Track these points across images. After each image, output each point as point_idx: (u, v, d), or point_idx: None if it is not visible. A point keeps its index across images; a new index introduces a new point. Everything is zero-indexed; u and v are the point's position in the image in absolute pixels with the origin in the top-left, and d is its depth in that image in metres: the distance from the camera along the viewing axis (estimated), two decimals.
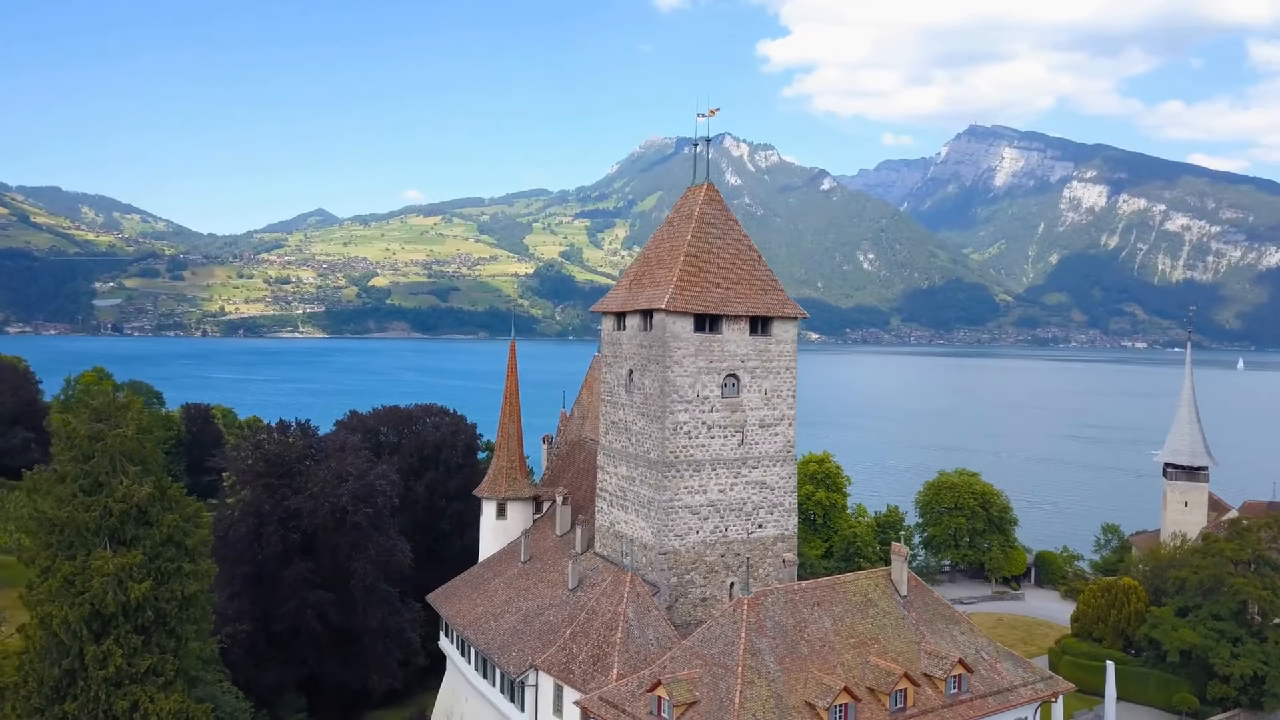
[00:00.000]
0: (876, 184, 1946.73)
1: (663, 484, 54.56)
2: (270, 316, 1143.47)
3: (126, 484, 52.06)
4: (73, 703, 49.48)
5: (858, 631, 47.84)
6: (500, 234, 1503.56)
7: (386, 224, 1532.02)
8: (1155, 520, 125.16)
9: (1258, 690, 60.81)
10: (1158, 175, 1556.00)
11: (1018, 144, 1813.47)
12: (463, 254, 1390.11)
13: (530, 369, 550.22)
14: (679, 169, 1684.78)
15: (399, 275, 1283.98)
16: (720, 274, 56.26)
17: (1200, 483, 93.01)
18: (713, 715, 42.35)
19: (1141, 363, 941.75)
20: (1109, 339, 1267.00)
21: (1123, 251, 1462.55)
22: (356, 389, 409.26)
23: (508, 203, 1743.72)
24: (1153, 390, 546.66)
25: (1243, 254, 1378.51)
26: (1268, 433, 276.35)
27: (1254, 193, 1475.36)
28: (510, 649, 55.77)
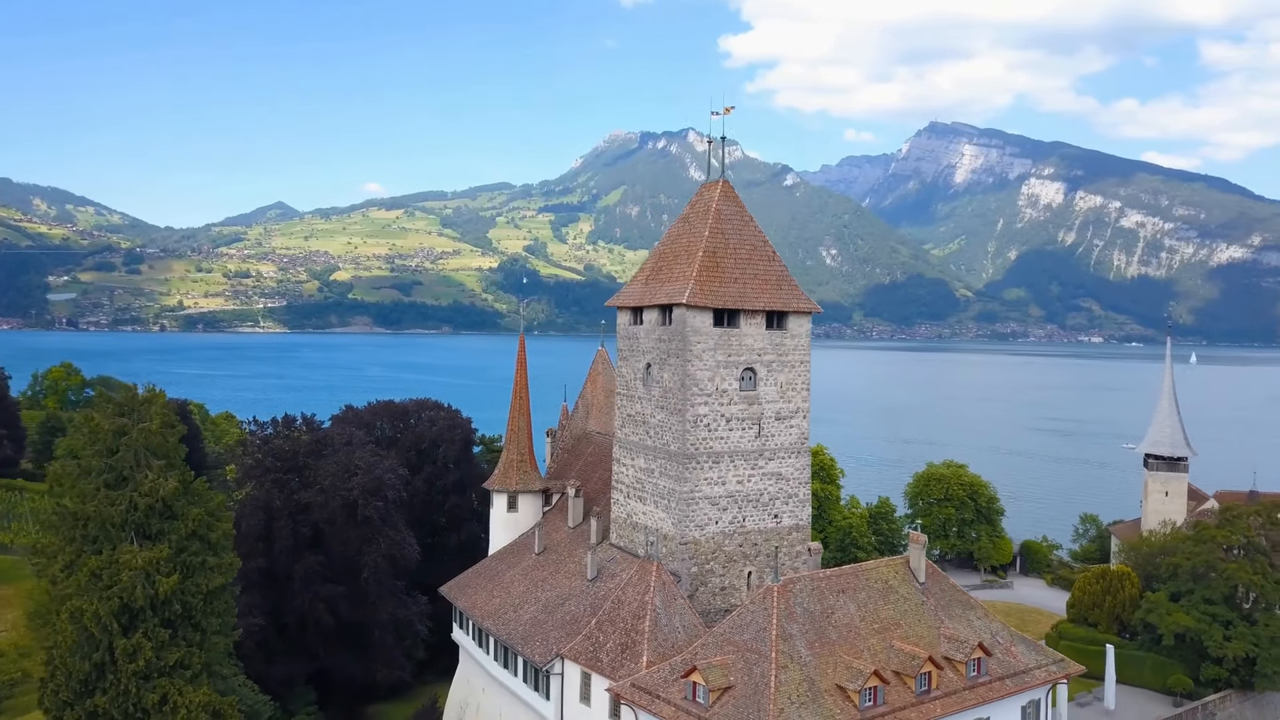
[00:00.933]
0: (839, 180, 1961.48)
1: (683, 475, 55.64)
2: (230, 311, 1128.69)
3: (152, 478, 52.27)
4: (102, 696, 49.65)
5: (881, 617, 49.29)
6: (463, 228, 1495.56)
7: (348, 217, 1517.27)
8: (1130, 510, 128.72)
9: (1248, 671, 63.26)
10: (1113, 173, 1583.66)
11: (977, 141, 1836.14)
12: (425, 248, 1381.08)
13: (498, 365, 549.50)
14: (643, 163, 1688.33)
15: (361, 269, 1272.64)
16: (737, 269, 57.37)
17: (1180, 473, 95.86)
18: (748, 699, 43.52)
19: (1098, 357, 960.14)
20: (1066, 334, 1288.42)
21: (1079, 248, 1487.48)
22: (326, 384, 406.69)
23: (471, 196, 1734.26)
24: (1112, 384, 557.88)
25: (1195, 250, 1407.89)
26: (1227, 425, 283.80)
27: (1205, 190, 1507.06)
28: (533, 639, 56.61)
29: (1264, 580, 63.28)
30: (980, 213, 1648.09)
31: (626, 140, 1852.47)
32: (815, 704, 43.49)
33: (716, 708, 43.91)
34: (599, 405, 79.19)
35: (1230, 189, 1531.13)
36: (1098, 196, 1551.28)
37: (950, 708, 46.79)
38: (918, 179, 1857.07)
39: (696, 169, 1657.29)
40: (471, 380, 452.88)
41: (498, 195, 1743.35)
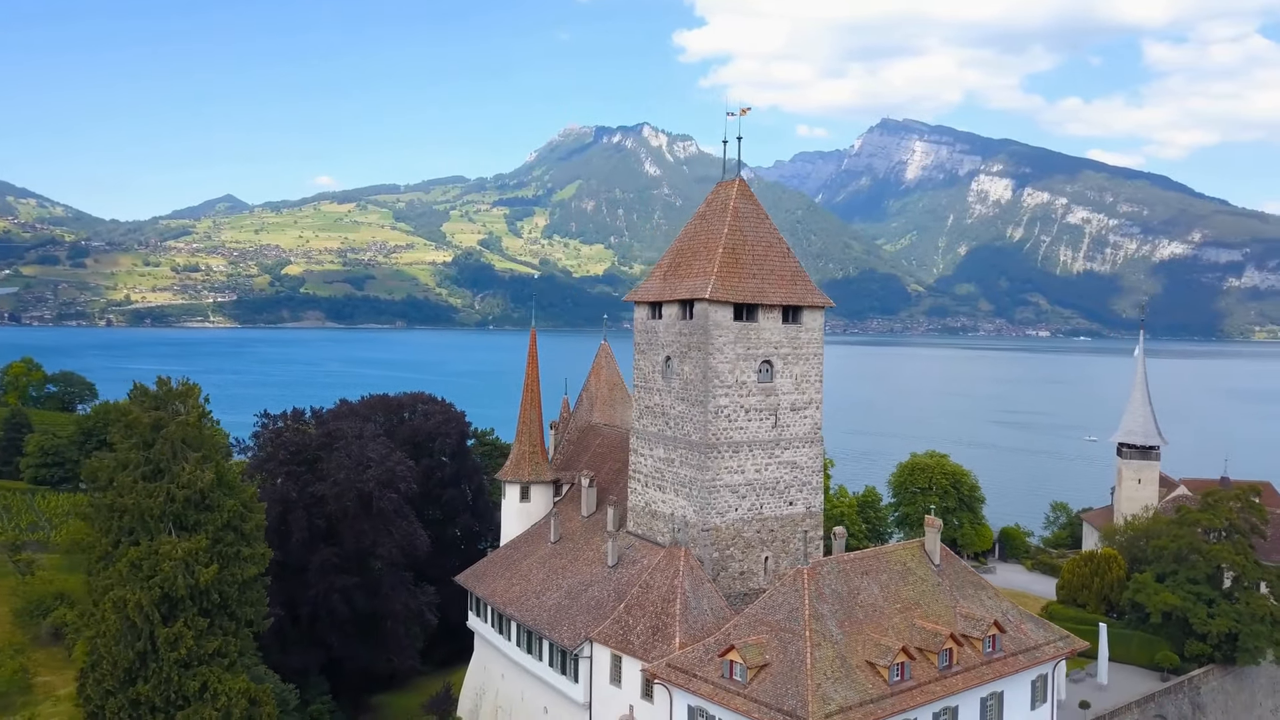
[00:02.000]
0: (792, 175, 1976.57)
1: (705, 464, 57.67)
2: (178, 306, 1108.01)
3: (189, 470, 53.14)
4: (144, 684, 50.68)
5: (902, 597, 51.76)
6: (417, 221, 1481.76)
7: (299, 211, 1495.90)
8: (1097, 498, 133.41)
9: (1231, 647, 66.91)
10: (1060, 170, 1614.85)
11: (928, 138, 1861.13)
12: (378, 242, 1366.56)
13: (455, 360, 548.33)
14: (598, 158, 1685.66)
15: (313, 263, 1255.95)
16: (755, 265, 59.46)
17: (1152, 461, 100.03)
18: (786, 676, 45.67)
19: (1047, 350, 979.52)
20: (1014, 328, 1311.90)
21: (1027, 243, 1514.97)
22: (285, 380, 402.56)
23: (424, 190, 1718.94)
24: (1064, 378, 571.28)
25: (1138, 246, 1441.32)
26: (1181, 416, 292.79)
27: (1149, 188, 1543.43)
28: (560, 624, 58.31)
29: (1245, 560, 67.01)
30: (931, 209, 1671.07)
31: (581, 134, 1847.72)
32: (848, 679, 45.79)
33: (754, 685, 46.02)
34: (603, 398, 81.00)
35: (1172, 186, 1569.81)
36: (1045, 193, 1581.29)
37: (970, 682, 49.40)
38: (870, 175, 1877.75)
39: (652, 164, 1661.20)
40: (431, 375, 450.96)
41: (451, 189, 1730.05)
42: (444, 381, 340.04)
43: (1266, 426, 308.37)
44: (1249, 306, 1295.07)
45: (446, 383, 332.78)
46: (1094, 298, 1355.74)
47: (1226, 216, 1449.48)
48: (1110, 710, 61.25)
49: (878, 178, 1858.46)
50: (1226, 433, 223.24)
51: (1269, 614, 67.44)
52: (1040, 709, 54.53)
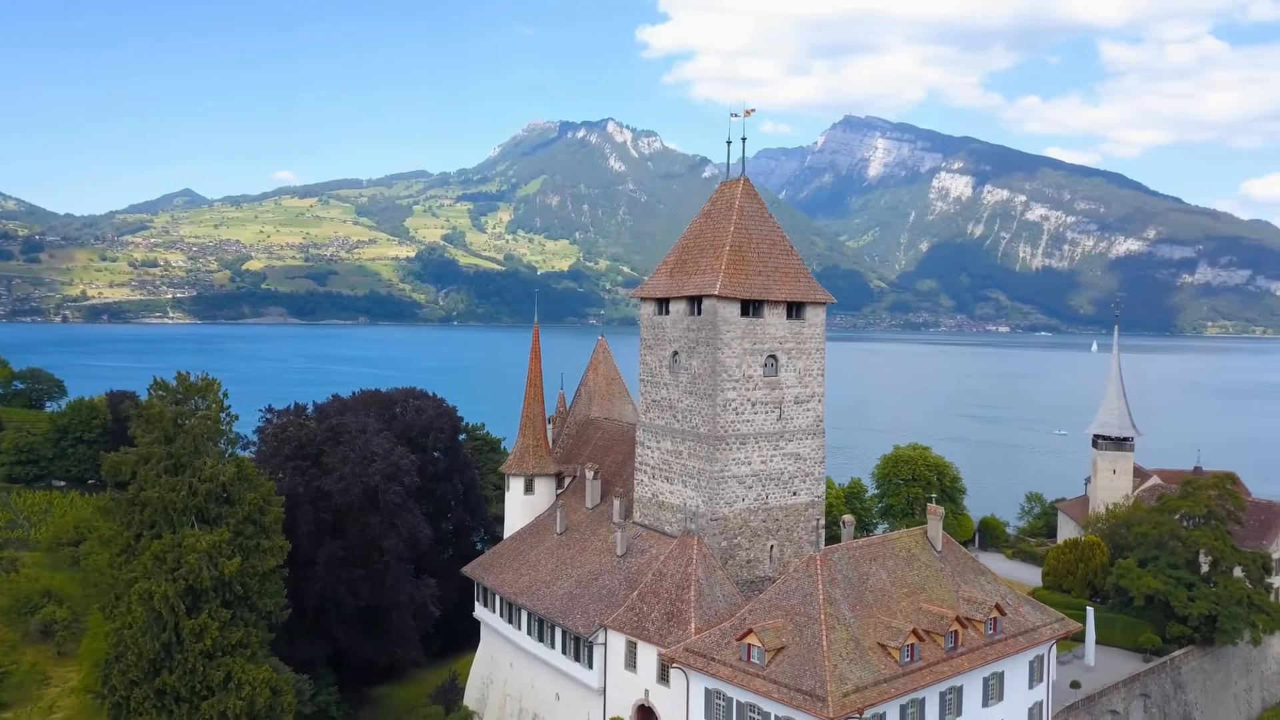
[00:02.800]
0: (756, 172, 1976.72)
1: (713, 456, 59.38)
2: (136, 301, 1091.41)
3: (211, 464, 53.92)
4: (170, 675, 51.51)
5: (908, 582, 53.85)
6: (379, 216, 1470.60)
7: (259, 205, 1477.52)
8: (1069, 489, 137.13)
9: (1210, 628, 69.91)
10: (1019, 167, 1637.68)
11: (890, 135, 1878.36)
12: (340, 237, 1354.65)
13: (422, 356, 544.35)
14: (563, 153, 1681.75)
15: (274, 258, 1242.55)
16: (760, 263, 61.23)
17: (1127, 452, 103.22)
18: (803, 658, 47.51)
19: (1008, 345, 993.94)
20: (975, 323, 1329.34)
21: (987, 240, 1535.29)
22: (260, 377, 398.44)
23: (387, 184, 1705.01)
24: (1027, 372, 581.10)
25: (1095, 243, 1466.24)
26: (1144, 409, 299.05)
27: (1105, 185, 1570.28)
28: (573, 612, 59.73)
29: (1224, 545, 70.01)
30: (893, 205, 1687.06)
31: (545, 129, 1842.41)
32: (862, 660, 47.76)
33: (773, 667, 47.83)
34: (601, 392, 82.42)
35: (1128, 184, 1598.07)
36: (1004, 190, 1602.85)
37: (975, 662, 51.60)
38: (833, 172, 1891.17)
39: (617, 159, 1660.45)
40: (399, 371, 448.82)
41: (414, 184, 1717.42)
42: (415, 378, 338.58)
43: (1228, 419, 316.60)
44: (1202, 302, 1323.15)
45: (417, 379, 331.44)
46: (1052, 294, 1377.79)
47: (1180, 214, 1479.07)
48: (1099, 690, 63.84)
49: (841, 174, 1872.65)
50: (1192, 425, 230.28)
51: (1246, 596, 70.54)
52: (1037, 688, 56.92)
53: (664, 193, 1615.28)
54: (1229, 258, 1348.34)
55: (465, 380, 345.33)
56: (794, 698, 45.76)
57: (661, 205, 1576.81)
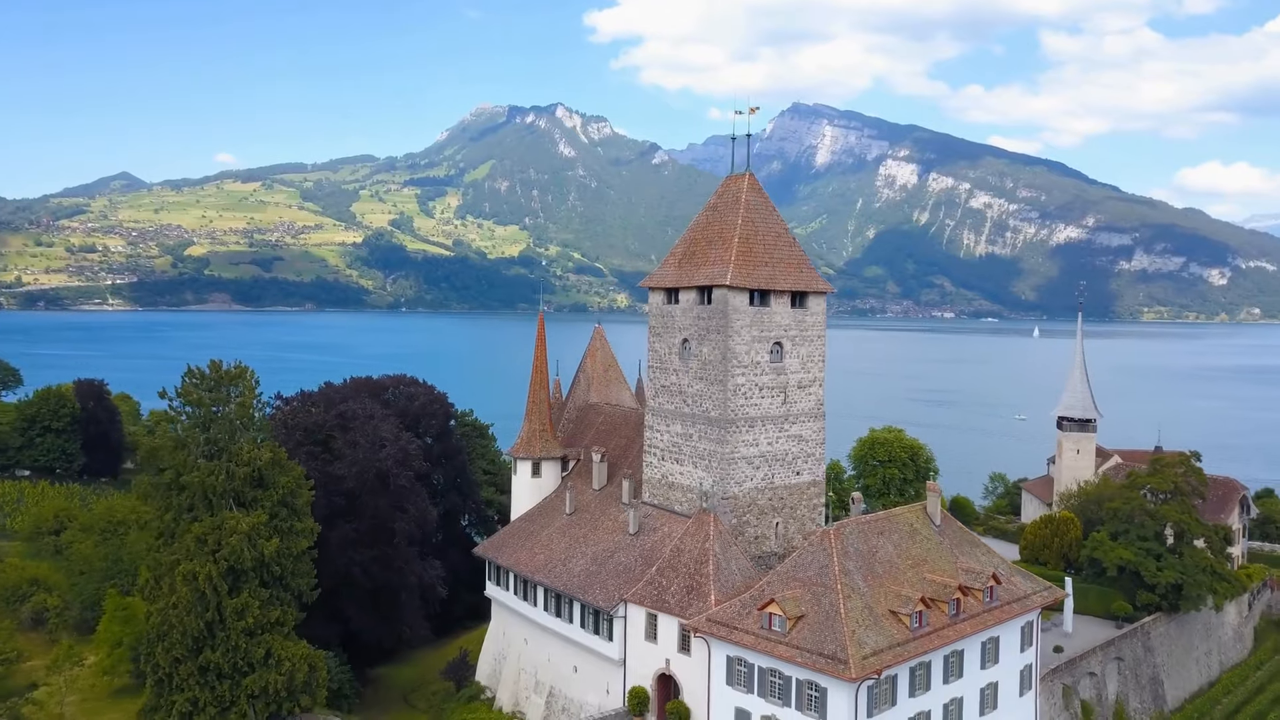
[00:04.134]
0: (705, 159, 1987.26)
1: (724, 438, 62.54)
2: (74, 288, 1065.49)
3: (248, 449, 55.79)
4: (213, 652, 53.41)
5: (912, 554, 57.56)
6: (325, 201, 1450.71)
7: (201, 190, 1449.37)
8: (1030, 468, 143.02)
9: (1176, 596, 74.87)
10: (963, 156, 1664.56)
11: (837, 123, 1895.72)
12: (286, 222, 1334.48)
13: (375, 343, 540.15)
14: (511, 138, 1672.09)
15: (217, 244, 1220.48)
16: (766, 254, 64.37)
17: (1089, 433, 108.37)
18: (822, 625, 50.91)
19: (954, 331, 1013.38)
20: (920, 309, 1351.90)
21: (932, 227, 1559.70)
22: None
23: (332, 169, 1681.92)
24: (975, 358, 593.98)
25: (1036, 230, 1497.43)
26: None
27: (1046, 174, 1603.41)
28: (592, 588, 62.57)
29: (1190, 519, 74.99)
30: (840, 193, 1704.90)
31: (494, 114, 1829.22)
32: (876, 626, 51.32)
33: (794, 634, 51.18)
34: (599, 378, 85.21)
35: (1068, 173, 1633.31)
36: (949, 178, 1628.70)
37: (975, 627, 55.49)
38: (781, 159, 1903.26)
39: (566, 145, 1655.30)
40: (343, 358, 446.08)
41: (361, 168, 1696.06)
42: (382, 364, 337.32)
43: (1178, 402, 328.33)
44: (1138, 288, 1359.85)
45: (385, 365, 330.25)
46: (996, 280, 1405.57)
47: (1118, 202, 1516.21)
48: (1079, 654, 68.35)
49: (789, 162, 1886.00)
50: (1143, 407, 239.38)
51: (1209, 566, 75.68)
52: (1027, 651, 61.11)
53: (614, 179, 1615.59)
54: (1164, 245, 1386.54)
55: (433, 367, 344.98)
56: (817, 661, 49.15)
57: (612, 191, 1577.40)
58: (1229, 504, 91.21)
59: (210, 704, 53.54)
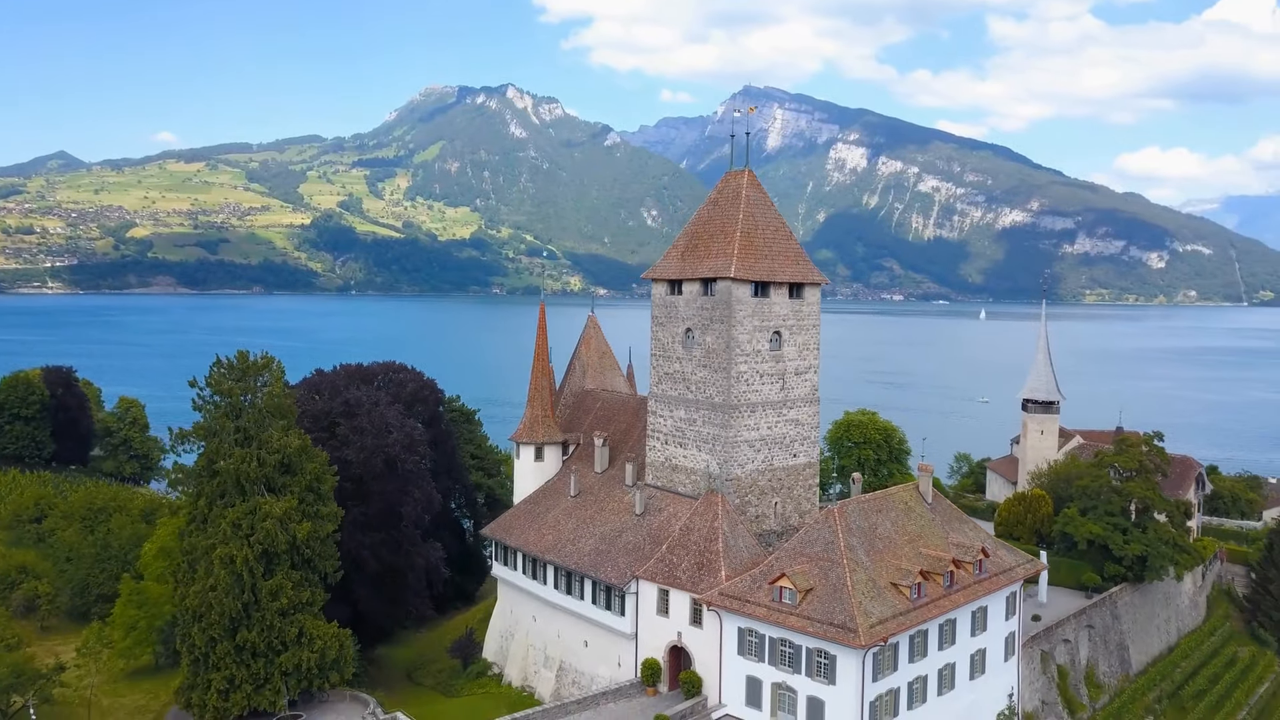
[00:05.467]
0: (657, 141, 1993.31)
1: (728, 423, 65.84)
2: (11, 271, 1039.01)
3: (278, 436, 57.89)
4: (249, 631, 55.66)
5: (908, 530, 61.42)
6: (271, 182, 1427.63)
7: (143, 170, 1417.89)
8: (993, 449, 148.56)
9: (1141, 567, 79.87)
10: (911, 140, 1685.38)
11: (788, 106, 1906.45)
12: (231, 203, 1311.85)
13: (329, 327, 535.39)
14: (461, 119, 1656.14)
15: (161, 225, 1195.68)
16: (766, 247, 67.62)
17: (1053, 414, 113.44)
18: (830, 596, 54.54)
19: (901, 313, 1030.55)
20: (870, 292, 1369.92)
21: (882, 210, 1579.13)
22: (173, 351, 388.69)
23: (278, 149, 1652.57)
24: (926, 339, 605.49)
25: (983, 214, 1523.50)
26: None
27: (992, 158, 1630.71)
28: (603, 566, 65.61)
29: (1154, 495, 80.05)
30: (791, 176, 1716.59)
31: (443, 94, 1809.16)
32: (880, 598, 55.09)
33: (804, 605, 54.75)
34: (594, 365, 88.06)
35: (1013, 157, 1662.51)
36: (898, 162, 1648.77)
37: (967, 598, 59.57)
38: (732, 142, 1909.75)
39: (517, 125, 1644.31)
40: (302, 343, 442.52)
41: (308, 148, 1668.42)
42: (326, 351, 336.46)
43: (1131, 383, 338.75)
44: (1081, 271, 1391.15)
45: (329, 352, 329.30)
46: (944, 263, 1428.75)
47: (1061, 187, 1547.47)
48: (1055, 622, 73.00)
49: (740, 145, 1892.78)
50: (1099, 388, 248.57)
51: (1171, 539, 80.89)
52: (1011, 620, 65.42)
53: (566, 160, 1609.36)
54: (1105, 229, 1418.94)
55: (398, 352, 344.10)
56: (827, 630, 52.78)
57: (564, 173, 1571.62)
58: (1186, 480, 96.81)
59: (246, 681, 55.73)
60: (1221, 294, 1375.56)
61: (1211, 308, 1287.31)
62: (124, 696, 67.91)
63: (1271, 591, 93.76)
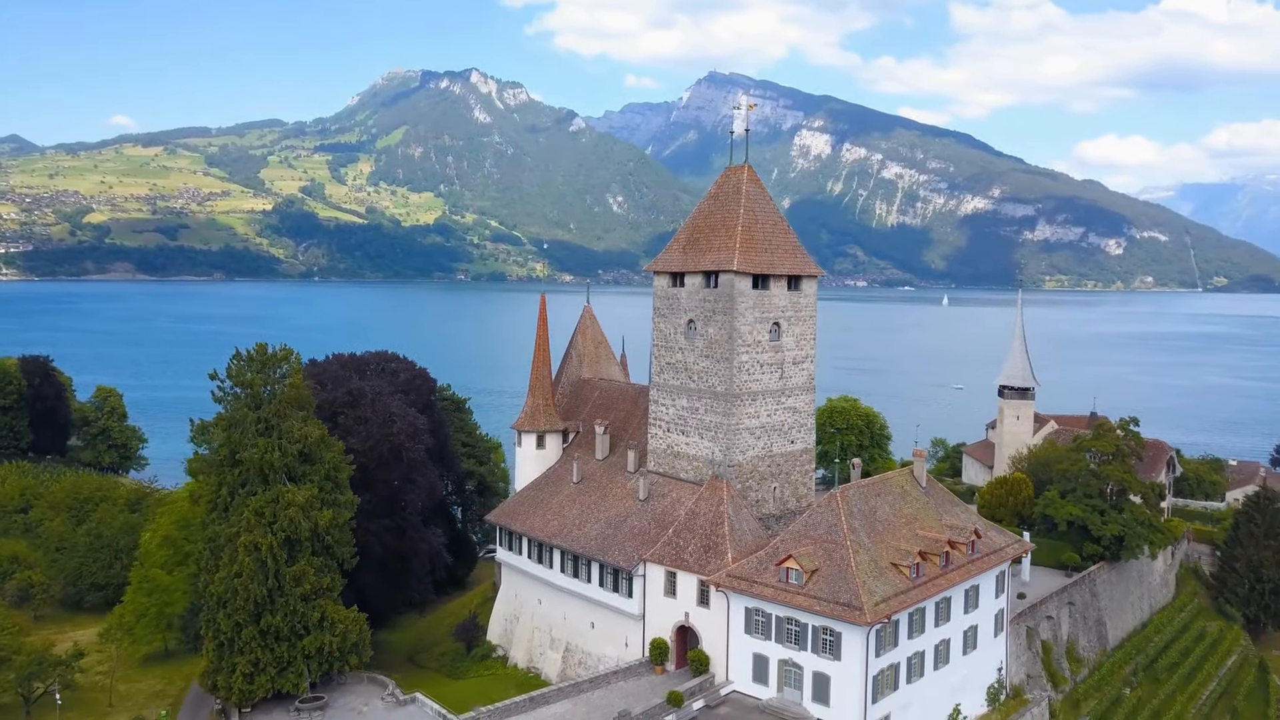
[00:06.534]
0: (622, 126, 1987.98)
1: (730, 411, 68.17)
2: None
3: (299, 427, 59.35)
4: (273, 616, 57.23)
5: (905, 513, 64.16)
6: (231, 167, 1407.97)
7: (99, 154, 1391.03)
8: (968, 434, 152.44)
9: (1118, 547, 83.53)
10: (875, 127, 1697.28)
11: (753, 92, 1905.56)
12: (190, 188, 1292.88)
13: (294, 315, 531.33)
14: (425, 103, 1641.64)
15: (118, 211, 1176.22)
16: (766, 241, 69.88)
17: (1028, 400, 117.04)
18: (835, 576, 57.10)
19: (866, 299, 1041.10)
20: (834, 278, 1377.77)
21: (845, 197, 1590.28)
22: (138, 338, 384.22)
23: (238, 133, 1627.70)
24: (894, 325, 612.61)
25: (945, 201, 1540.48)
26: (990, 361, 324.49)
27: (954, 145, 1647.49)
28: (610, 549, 67.74)
29: (1130, 477, 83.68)
30: (756, 162, 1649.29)
31: (406, 79, 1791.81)
32: (882, 577, 57.77)
33: (810, 585, 57.30)
34: (590, 355, 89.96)
35: (975, 145, 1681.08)
36: (862, 149, 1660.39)
37: (962, 576, 62.44)
38: (697, 129, 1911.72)
39: (481, 110, 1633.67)
40: (269, 330, 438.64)
41: (268, 133, 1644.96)
42: (292, 338, 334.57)
43: (1100, 369, 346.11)
44: (1041, 258, 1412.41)
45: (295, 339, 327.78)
46: (907, 249, 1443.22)
47: (1022, 174, 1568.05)
48: (1038, 600, 76.33)
49: (705, 131, 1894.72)
50: (1063, 373, 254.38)
51: (1146, 519, 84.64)
52: (1000, 598, 68.46)
53: (531, 145, 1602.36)
54: (1064, 216, 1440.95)
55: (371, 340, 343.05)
56: (834, 609, 55.34)
57: (529, 158, 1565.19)
58: (1158, 464, 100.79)
59: (270, 665, 57.26)
60: (1177, 280, 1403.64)
61: (1168, 293, 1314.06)
62: (139, 682, 69.07)
63: (1237, 569, 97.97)
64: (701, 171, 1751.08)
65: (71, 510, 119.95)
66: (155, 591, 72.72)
